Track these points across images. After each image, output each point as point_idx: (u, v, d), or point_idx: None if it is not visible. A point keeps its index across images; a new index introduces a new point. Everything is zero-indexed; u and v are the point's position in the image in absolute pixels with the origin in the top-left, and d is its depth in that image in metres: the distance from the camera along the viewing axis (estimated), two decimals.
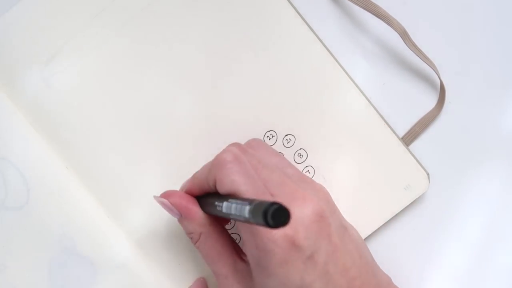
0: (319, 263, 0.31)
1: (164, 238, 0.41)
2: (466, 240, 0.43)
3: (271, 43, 0.41)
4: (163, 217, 0.40)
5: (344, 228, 0.34)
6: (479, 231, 0.44)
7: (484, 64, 0.44)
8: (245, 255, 0.36)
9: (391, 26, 0.41)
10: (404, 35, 0.42)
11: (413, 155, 0.42)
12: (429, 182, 0.42)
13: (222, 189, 0.33)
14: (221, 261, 0.35)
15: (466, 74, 0.44)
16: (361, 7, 0.42)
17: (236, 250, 0.36)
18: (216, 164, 0.33)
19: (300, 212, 0.31)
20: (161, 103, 0.41)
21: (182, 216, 0.36)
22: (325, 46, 0.42)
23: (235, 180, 0.32)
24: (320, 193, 0.34)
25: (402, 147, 0.42)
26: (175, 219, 0.38)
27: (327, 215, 0.32)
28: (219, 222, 0.36)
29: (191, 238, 0.36)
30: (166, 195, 0.36)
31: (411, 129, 0.43)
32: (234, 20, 0.41)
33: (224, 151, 0.34)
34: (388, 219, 0.41)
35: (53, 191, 0.40)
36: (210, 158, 0.36)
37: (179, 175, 0.39)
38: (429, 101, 0.44)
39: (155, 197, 0.37)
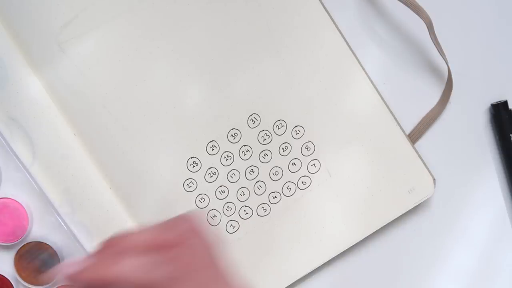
0: None
1: (160, 213, 0.41)
2: (471, 243, 0.43)
3: (290, 34, 0.41)
4: (163, 193, 0.41)
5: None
6: (483, 234, 0.44)
7: (485, 65, 0.44)
8: None
9: (420, 16, 0.41)
10: (430, 26, 0.41)
11: (421, 158, 0.41)
12: (434, 187, 0.41)
13: None
14: None
15: (467, 74, 0.44)
16: None
17: None
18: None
19: None
20: (175, 82, 0.41)
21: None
22: (344, 38, 0.41)
23: None
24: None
25: (411, 149, 0.41)
26: (175, 200, 0.38)
27: None
28: None
29: None
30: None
31: (415, 127, 0.42)
32: (253, 9, 0.40)
33: (122, 266, 0.30)
34: (390, 220, 0.41)
35: (58, 155, 0.40)
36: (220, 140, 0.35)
37: (185, 156, 0.39)
38: (433, 98, 0.43)
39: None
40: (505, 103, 0.43)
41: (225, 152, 0.41)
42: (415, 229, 0.43)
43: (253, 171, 0.41)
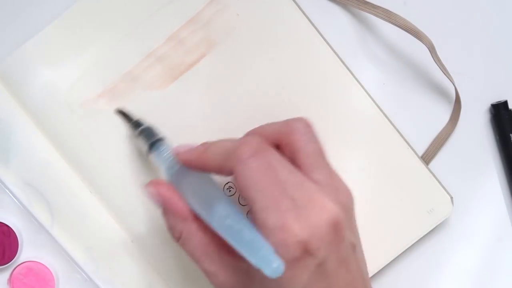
0: (326, 273, 0.31)
1: (184, 265, 0.41)
2: (471, 243, 0.44)
3: (282, 48, 0.41)
4: None
5: (353, 246, 0.33)
6: (484, 234, 0.44)
7: (485, 65, 0.44)
8: (234, 250, 0.32)
9: (420, 40, 0.41)
10: (432, 49, 0.41)
11: (435, 178, 0.42)
12: (452, 205, 0.42)
13: (236, 184, 0.32)
14: (208, 259, 0.34)
15: (467, 74, 0.44)
16: (389, 22, 0.41)
17: (224, 245, 0.33)
18: (234, 157, 0.32)
19: (317, 218, 0.30)
20: (176, 104, 0.41)
21: (164, 209, 0.34)
22: (347, 67, 0.41)
23: (249, 183, 0.31)
24: (343, 199, 0.33)
25: (425, 169, 0.42)
26: None
27: (343, 227, 0.31)
28: None
29: (172, 235, 0.35)
30: (152, 184, 0.35)
31: (428, 148, 0.43)
32: (248, 25, 0.41)
33: (245, 141, 0.32)
34: (412, 244, 0.41)
35: (77, 216, 0.40)
36: None
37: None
38: (441, 117, 0.44)
39: (143, 186, 0.35)
40: (505, 103, 0.43)
41: None
42: (433, 252, 0.44)
43: None
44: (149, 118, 0.40)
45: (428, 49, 0.41)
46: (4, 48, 0.40)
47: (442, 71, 0.42)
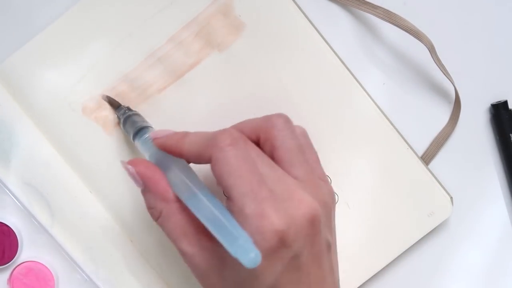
0: (299, 267, 0.31)
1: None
2: (471, 243, 0.44)
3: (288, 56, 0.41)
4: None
5: (329, 245, 0.33)
6: (484, 234, 0.44)
7: (485, 65, 0.44)
8: (211, 234, 0.32)
9: (420, 41, 0.41)
10: (432, 49, 0.41)
11: (435, 178, 0.42)
12: (452, 206, 0.42)
13: (214, 172, 0.31)
14: (186, 239, 0.33)
15: (467, 74, 0.44)
16: (388, 22, 0.41)
17: (202, 228, 0.32)
18: (212, 144, 0.31)
19: (295, 211, 0.30)
20: (180, 102, 0.41)
21: (145, 187, 0.34)
22: (350, 71, 0.41)
23: (228, 169, 0.31)
24: (322, 196, 0.33)
25: (425, 169, 0.42)
26: None
27: (320, 223, 0.31)
28: None
29: (151, 214, 0.34)
30: (134, 162, 0.34)
31: (428, 148, 0.43)
32: (249, 27, 0.41)
33: (224, 131, 0.32)
34: (412, 244, 0.41)
35: (77, 216, 0.40)
36: None
37: None
38: (440, 117, 0.44)
39: (122, 162, 0.35)
40: (505, 103, 0.43)
41: None
42: (432, 253, 0.44)
43: None
44: (149, 118, 0.40)
45: (428, 49, 0.41)
46: (5, 49, 0.40)
47: (442, 71, 0.42)
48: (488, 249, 0.44)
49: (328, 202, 0.33)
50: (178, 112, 0.41)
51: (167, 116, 0.41)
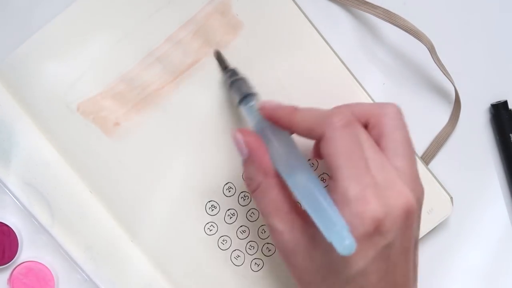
0: (389, 257, 0.31)
1: (187, 262, 0.41)
2: (471, 243, 0.44)
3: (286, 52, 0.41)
4: (185, 241, 0.41)
5: (416, 241, 0.34)
6: (484, 234, 0.44)
7: (485, 65, 0.44)
8: (304, 213, 0.33)
9: (420, 41, 0.41)
10: (432, 49, 0.41)
11: (435, 178, 0.42)
12: (452, 205, 0.42)
13: (323, 150, 0.32)
14: (278, 216, 0.33)
15: (467, 74, 0.44)
16: (388, 22, 0.41)
17: (296, 207, 0.34)
18: (327, 122, 0.32)
19: (394, 201, 0.31)
20: (182, 115, 0.41)
21: (248, 158, 0.34)
22: (343, 62, 0.41)
23: (339, 150, 0.31)
24: (418, 192, 0.33)
25: (424, 169, 0.42)
26: (198, 245, 0.39)
27: (414, 218, 0.32)
28: None
29: (248, 185, 0.35)
30: (243, 131, 0.34)
31: (428, 148, 0.43)
32: (247, 26, 0.41)
33: (339, 111, 0.33)
34: None
35: (77, 216, 0.40)
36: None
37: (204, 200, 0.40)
38: (440, 117, 0.44)
39: (232, 129, 0.35)
40: (505, 103, 0.43)
41: (242, 192, 0.41)
42: (432, 252, 0.44)
43: None
44: (148, 117, 0.40)
45: (428, 50, 0.41)
46: (4, 48, 0.40)
47: (442, 71, 0.42)
48: (488, 249, 0.44)
49: (421, 200, 0.34)
50: (177, 111, 0.41)
51: (166, 115, 0.41)
